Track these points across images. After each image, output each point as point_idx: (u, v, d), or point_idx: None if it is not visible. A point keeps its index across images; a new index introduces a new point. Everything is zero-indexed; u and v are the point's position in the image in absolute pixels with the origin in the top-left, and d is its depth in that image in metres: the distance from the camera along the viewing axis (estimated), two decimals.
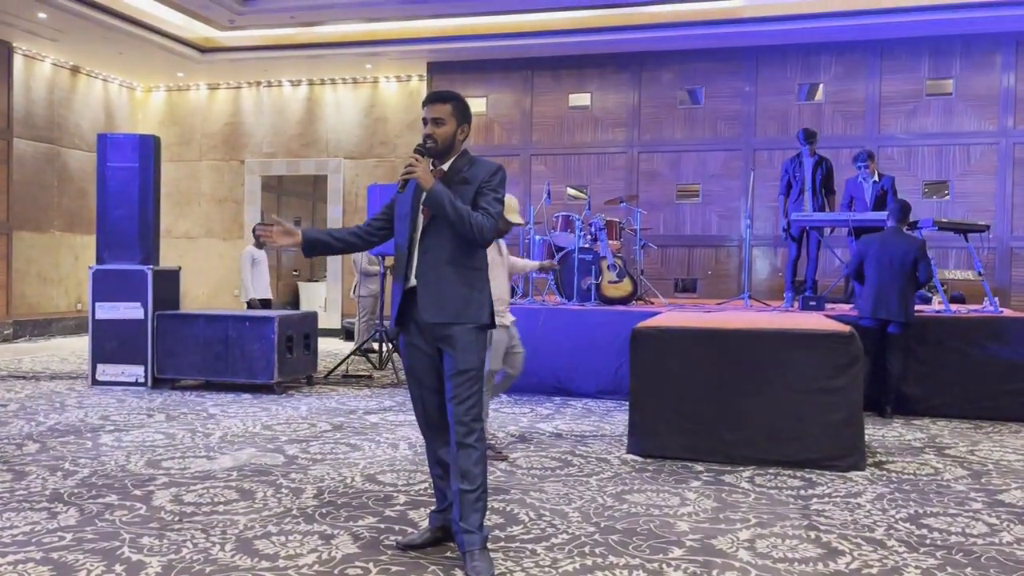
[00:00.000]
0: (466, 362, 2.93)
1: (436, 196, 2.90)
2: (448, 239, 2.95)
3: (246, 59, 11.36)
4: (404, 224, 3.03)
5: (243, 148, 12.59)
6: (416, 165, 2.89)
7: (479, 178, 2.99)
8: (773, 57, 10.21)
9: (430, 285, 2.95)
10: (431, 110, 3.02)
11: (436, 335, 2.97)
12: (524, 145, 10.98)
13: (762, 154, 10.21)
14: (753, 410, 4.59)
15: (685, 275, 10.49)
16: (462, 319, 2.95)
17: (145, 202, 7.31)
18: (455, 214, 2.90)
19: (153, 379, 7.06)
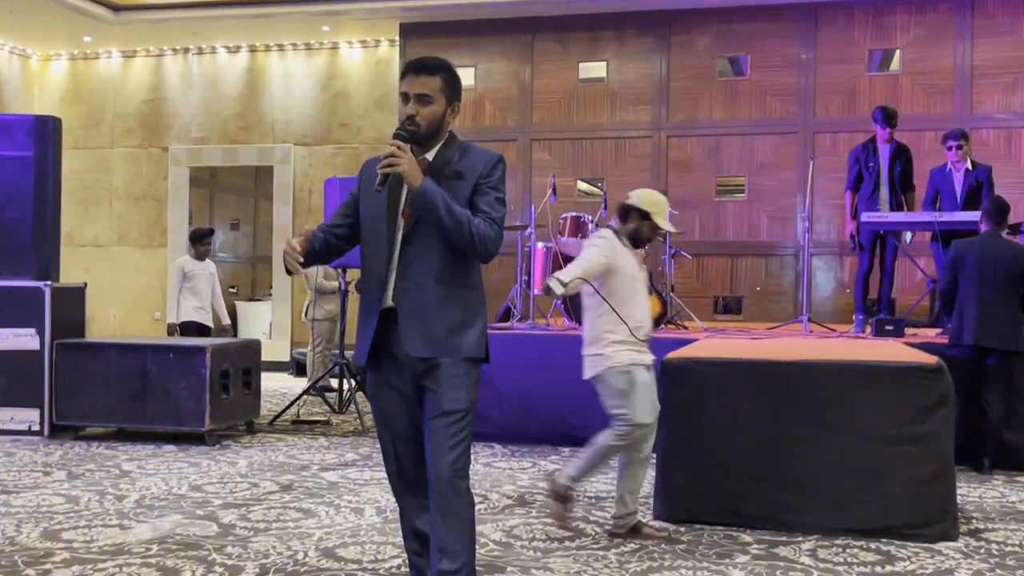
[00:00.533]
0: (453, 401, 2.91)
1: (427, 197, 2.84)
2: (437, 250, 2.92)
3: (171, 19, 11.40)
4: (377, 230, 2.99)
5: (166, 132, 12.62)
6: (400, 156, 2.84)
7: (476, 172, 2.97)
8: (836, 16, 10.28)
9: (414, 309, 2.92)
10: (414, 83, 2.97)
11: (417, 371, 2.95)
12: (523, 127, 11.02)
13: (823, 138, 10.25)
14: (815, 464, 4.59)
15: (727, 292, 10.49)
16: (452, 351, 2.93)
17: (42, 201, 7.31)
18: (451, 220, 2.86)
19: (51, 426, 7.04)
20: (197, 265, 8.51)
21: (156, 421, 6.85)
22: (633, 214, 4.51)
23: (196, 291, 8.43)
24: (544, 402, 6.90)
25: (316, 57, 12.23)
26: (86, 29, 11.78)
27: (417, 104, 2.96)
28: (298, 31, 11.78)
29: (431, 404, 2.93)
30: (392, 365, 2.99)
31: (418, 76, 2.97)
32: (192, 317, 8.42)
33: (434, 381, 2.92)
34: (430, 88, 2.97)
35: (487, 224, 2.90)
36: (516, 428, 6.95)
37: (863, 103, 10.04)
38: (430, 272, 2.92)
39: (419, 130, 2.95)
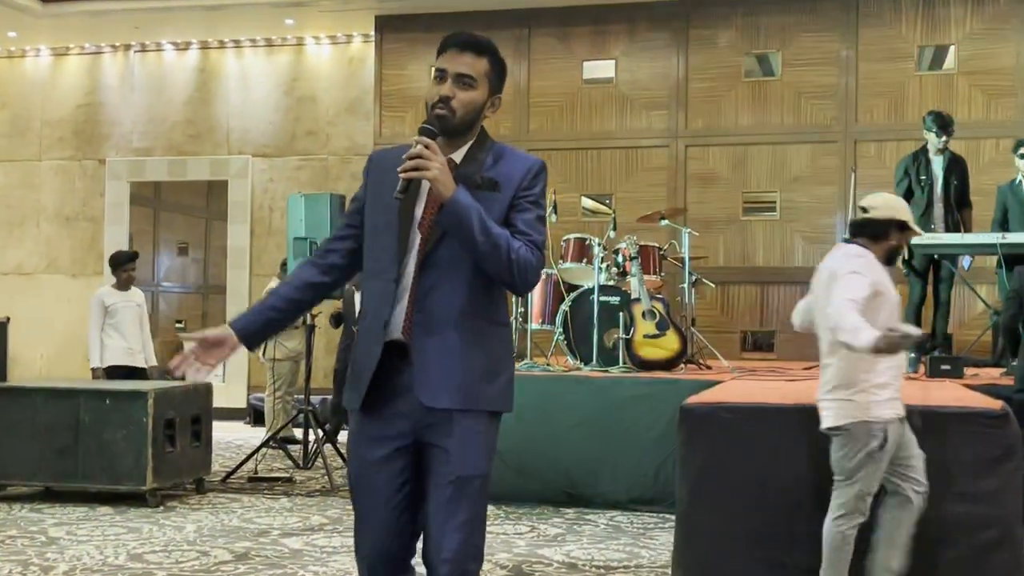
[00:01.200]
0: (469, 465, 2.77)
1: (459, 211, 2.68)
2: (465, 278, 2.78)
3: (110, 11, 11.46)
4: (385, 241, 2.84)
5: (104, 142, 12.66)
6: (430, 157, 2.67)
7: (514, 182, 2.83)
8: (881, 7, 10.35)
9: (433, 349, 2.77)
10: (457, 60, 2.82)
11: (423, 423, 2.80)
12: (518, 135, 11.05)
13: (867, 147, 10.30)
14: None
15: (757, 326, 10.50)
16: (477, 404, 2.80)
17: None
18: (487, 243, 2.70)
19: None
20: (120, 296, 8.31)
21: (90, 478, 6.80)
22: (892, 229, 4.33)
23: (121, 327, 8.21)
24: (544, 455, 6.88)
25: (278, 55, 12.28)
26: (10, 23, 11.82)
27: (456, 85, 2.80)
28: (257, 25, 11.83)
29: (439, 467, 2.78)
30: (390, 412, 2.82)
31: (463, 53, 2.83)
32: (120, 360, 8.19)
33: (446, 437, 2.77)
34: (475, 69, 2.83)
35: (528, 249, 2.77)
36: (512, 486, 6.90)
37: (912, 107, 10.09)
38: (454, 304, 2.78)
39: (453, 116, 2.79)
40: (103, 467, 6.78)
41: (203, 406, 7.42)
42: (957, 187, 7.95)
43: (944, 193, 7.94)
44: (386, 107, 11.36)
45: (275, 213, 12.04)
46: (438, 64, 2.85)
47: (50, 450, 6.85)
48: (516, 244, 2.75)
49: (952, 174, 7.95)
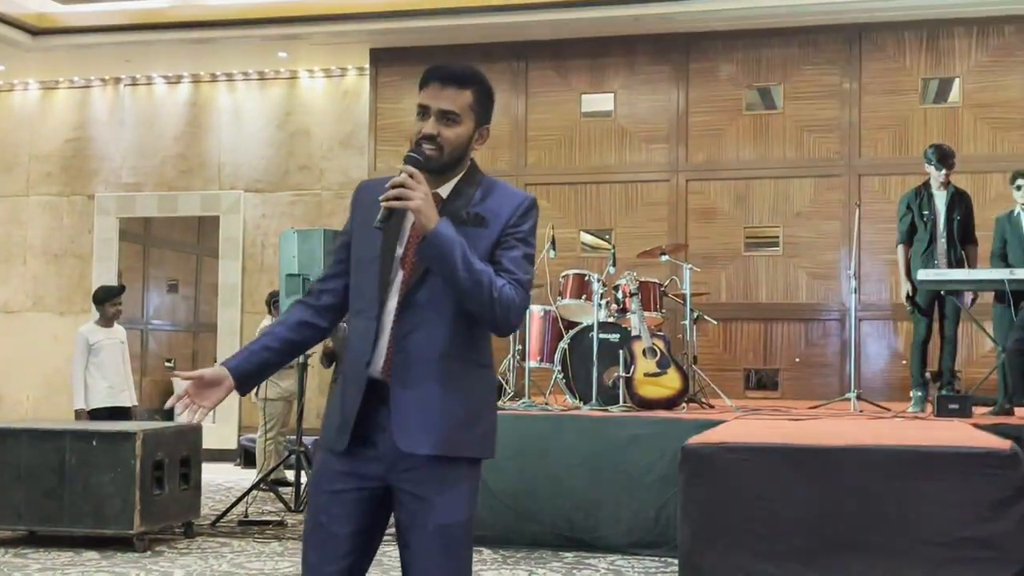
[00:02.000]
0: (452, 512, 2.74)
1: (441, 244, 2.65)
2: (446, 317, 2.75)
3: (100, 44, 11.52)
4: (367, 277, 2.82)
5: (93, 177, 12.69)
6: (413, 186, 2.65)
7: (502, 218, 2.80)
8: (884, 39, 10.43)
9: (413, 391, 2.74)
10: (440, 96, 2.79)
11: (400, 468, 2.75)
12: (515, 169, 11.09)
13: (871, 181, 10.34)
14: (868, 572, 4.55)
15: (760, 364, 10.49)
16: (457, 451, 2.76)
17: None
18: (470, 279, 2.67)
19: None
20: (104, 334, 8.27)
21: (75, 523, 6.75)
22: None
23: (103, 366, 8.18)
24: (543, 497, 6.86)
25: (271, 88, 12.35)
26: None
27: (441, 122, 2.77)
28: (250, 58, 11.91)
29: (420, 516, 2.74)
30: (364, 452, 2.78)
31: (444, 87, 2.79)
32: (103, 401, 8.17)
33: (425, 485, 2.73)
34: (459, 104, 2.79)
35: (512, 288, 2.73)
36: (509, 528, 6.89)
37: (917, 140, 10.14)
38: (436, 345, 2.75)
39: (440, 155, 2.77)
40: (89, 511, 6.74)
41: (192, 447, 7.39)
42: (960, 222, 7.97)
43: (947, 228, 7.96)
44: (381, 141, 11.41)
45: (267, 249, 12.05)
46: (420, 99, 2.82)
47: (35, 493, 6.81)
48: (500, 282, 2.71)
49: (955, 209, 7.97)
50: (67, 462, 6.79)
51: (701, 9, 10.18)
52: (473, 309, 2.72)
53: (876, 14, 10.20)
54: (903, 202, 8.21)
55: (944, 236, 7.95)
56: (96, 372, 8.18)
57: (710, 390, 8.42)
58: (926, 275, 7.65)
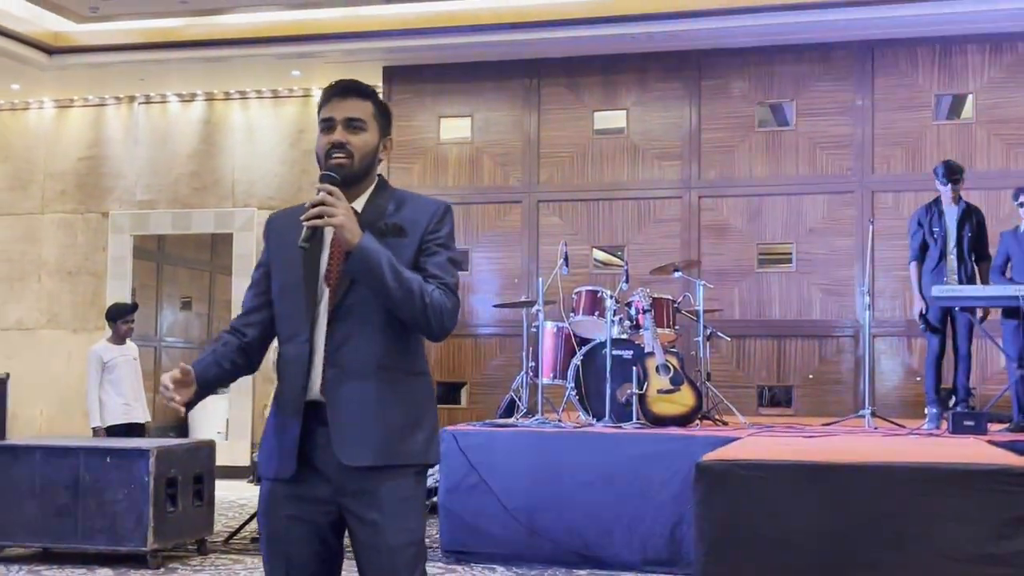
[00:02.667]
0: (403, 532, 2.75)
1: (368, 257, 2.67)
2: (376, 327, 2.77)
3: (114, 63, 11.58)
4: (293, 302, 2.83)
5: (107, 195, 12.74)
6: (333, 203, 2.67)
7: (420, 226, 2.84)
8: (896, 56, 10.43)
9: (349, 404, 2.75)
10: (342, 106, 2.84)
11: (345, 490, 2.76)
12: (528, 186, 11.11)
13: (884, 197, 10.32)
14: None
15: (774, 381, 10.47)
16: (399, 459, 2.78)
17: None
18: (400, 288, 2.70)
19: None
20: (117, 351, 8.32)
21: (89, 539, 6.78)
22: None
23: (118, 384, 8.22)
24: (555, 515, 6.85)
25: (284, 107, 12.40)
26: (14, 75, 11.95)
27: (347, 130, 2.82)
28: (263, 76, 11.96)
29: (367, 538, 2.75)
30: (309, 478, 2.79)
31: (346, 98, 2.85)
32: (118, 418, 8.21)
33: (371, 507, 2.74)
34: (363, 112, 2.86)
35: (442, 292, 2.78)
36: (521, 546, 6.89)
37: (930, 156, 10.12)
38: (368, 356, 2.76)
39: (352, 163, 2.81)
40: (103, 527, 6.76)
41: (206, 464, 7.40)
42: (972, 238, 7.96)
43: (957, 245, 7.96)
44: (394, 158, 11.41)
45: None
46: (323, 114, 2.87)
47: (49, 510, 6.83)
48: (429, 288, 2.75)
49: (966, 225, 7.97)
50: (81, 479, 6.81)
51: (713, 26, 10.18)
52: (406, 318, 2.75)
53: (889, 30, 10.19)
54: (914, 219, 8.21)
55: (954, 252, 7.95)
56: (111, 389, 8.21)
57: (723, 407, 8.41)
58: (940, 291, 7.64)
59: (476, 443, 7.14)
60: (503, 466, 7.08)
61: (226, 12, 10.92)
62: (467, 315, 10.83)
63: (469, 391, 11.01)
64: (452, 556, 7.01)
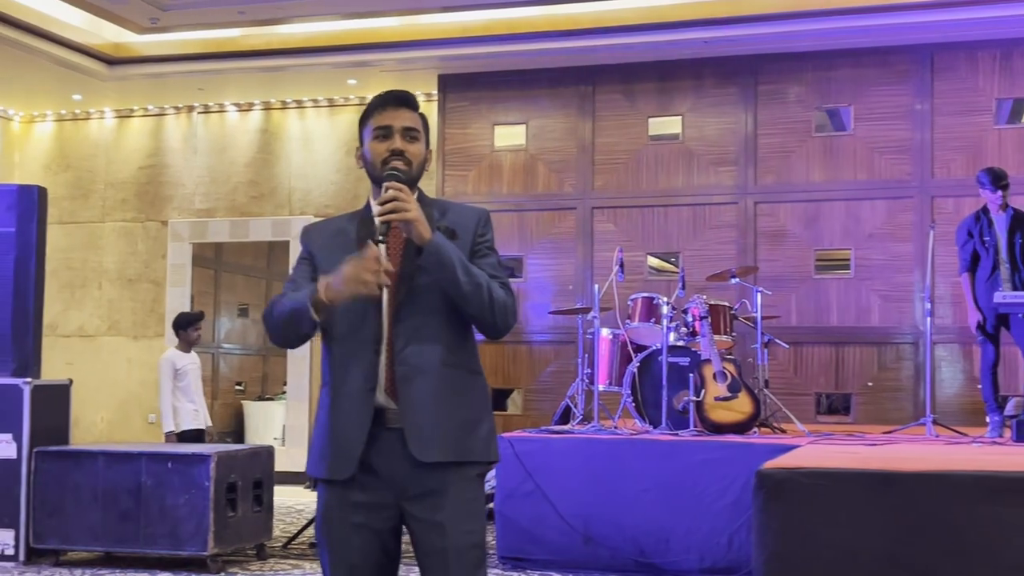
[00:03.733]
0: (468, 534, 2.77)
1: (441, 252, 2.72)
2: (440, 324, 2.80)
3: (173, 73, 11.73)
4: (352, 302, 2.80)
5: (166, 203, 12.90)
6: (407, 200, 2.73)
7: (469, 229, 2.89)
8: (956, 59, 10.30)
9: (419, 401, 2.76)
10: (398, 116, 2.90)
11: (412, 490, 2.77)
12: (582, 193, 11.10)
13: (945, 202, 10.20)
14: None
15: (832, 388, 10.37)
16: (467, 455, 2.80)
17: (23, 284, 7.46)
18: (470, 283, 2.74)
19: (28, 550, 7.07)
20: (187, 358, 8.55)
21: (150, 544, 6.85)
22: None
23: (187, 390, 8.46)
24: (612, 522, 6.83)
25: (341, 115, 12.48)
26: (76, 86, 12.14)
27: (404, 139, 2.88)
28: (320, 85, 12.05)
29: (433, 541, 2.75)
30: (367, 482, 2.79)
31: (400, 109, 2.91)
32: (190, 423, 8.44)
33: (437, 508, 2.75)
34: (416, 123, 2.93)
35: (504, 290, 2.83)
36: (578, 553, 6.87)
37: (990, 161, 9.95)
38: (433, 354, 2.79)
39: (410, 170, 2.87)
40: (164, 532, 6.83)
41: (265, 470, 7.46)
42: (1022, 245, 7.86)
43: (1009, 252, 7.86)
44: (449, 166, 11.48)
45: None
46: (379, 122, 2.90)
47: (111, 515, 6.91)
48: (494, 284, 2.80)
49: (1016, 232, 7.86)
50: (142, 484, 6.88)
51: (770, 31, 10.12)
52: (474, 312, 2.78)
53: (949, 34, 10.07)
54: (963, 229, 8.11)
55: (1007, 261, 7.85)
56: (183, 396, 8.43)
57: (781, 414, 8.34)
58: (1002, 298, 7.54)
59: (532, 450, 7.13)
60: (559, 473, 7.07)
61: (283, 22, 11.02)
62: (522, 322, 10.83)
63: (524, 397, 11.02)
64: (508, 563, 7.01)
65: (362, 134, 2.98)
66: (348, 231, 2.92)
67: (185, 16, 10.85)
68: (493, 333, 2.84)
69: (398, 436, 2.78)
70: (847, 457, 5.47)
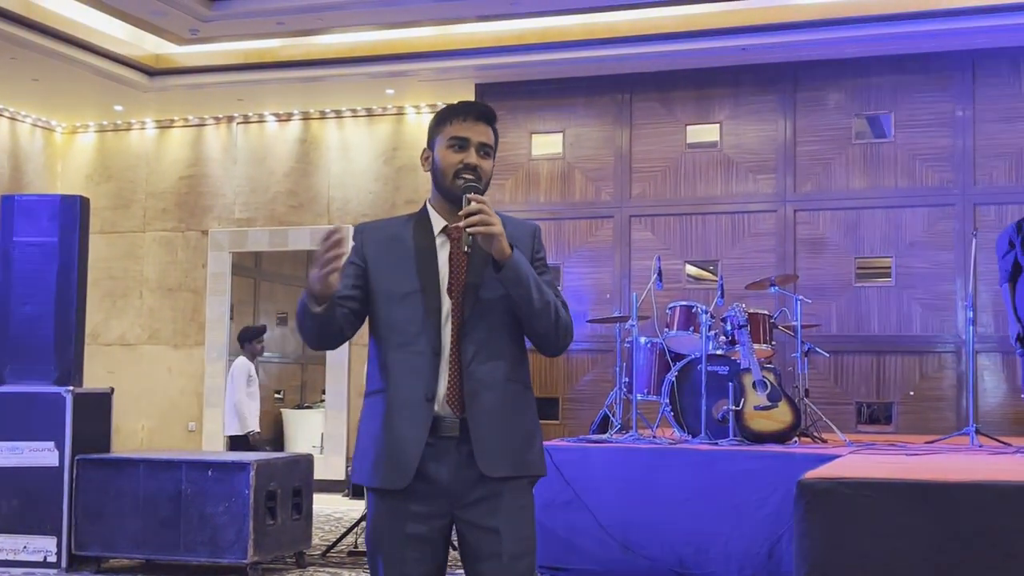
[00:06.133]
0: (521, 541, 2.78)
1: (519, 268, 2.73)
2: (502, 341, 2.82)
3: (213, 84, 11.82)
4: (412, 309, 2.84)
5: (206, 213, 12.99)
6: (491, 212, 2.73)
7: (525, 245, 2.89)
8: (998, 65, 10.20)
9: (486, 417, 2.78)
10: (477, 130, 2.91)
11: (467, 498, 2.78)
12: (620, 201, 11.08)
13: (987, 210, 10.10)
14: None
15: (874, 398, 10.28)
16: (525, 469, 2.83)
17: (66, 293, 7.53)
18: (540, 300, 2.77)
19: (70, 557, 7.11)
20: (253, 367, 9.61)
21: (191, 551, 6.89)
22: None
23: (256, 396, 9.49)
24: (651, 532, 6.80)
25: (379, 124, 12.53)
26: (117, 97, 12.26)
27: (480, 155, 2.89)
28: (358, 95, 12.10)
29: (488, 547, 2.76)
30: (421, 491, 2.78)
31: (479, 123, 2.91)
32: (257, 425, 9.48)
33: (492, 514, 2.75)
34: (491, 139, 2.94)
35: (564, 309, 2.86)
36: (616, 563, 6.84)
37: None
38: (498, 368, 2.80)
39: (480, 186, 2.85)
40: (204, 540, 6.85)
41: (304, 478, 7.48)
42: None
43: None
44: None
45: None
46: (457, 132, 2.89)
47: (152, 522, 6.95)
48: (559, 304, 2.82)
49: None
50: (183, 492, 6.91)
51: (809, 38, 10.05)
52: (540, 330, 2.81)
53: (991, 40, 9.97)
54: (1004, 238, 8.01)
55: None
56: (251, 401, 9.45)
57: (822, 424, 8.26)
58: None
59: (570, 459, 7.11)
60: (597, 482, 7.04)
61: (321, 33, 11.08)
62: None
63: (561, 406, 10.99)
64: (546, 572, 6.98)
65: (434, 138, 2.96)
66: (404, 237, 2.93)
67: (225, 27, 10.93)
68: (553, 351, 2.87)
69: (455, 444, 2.79)
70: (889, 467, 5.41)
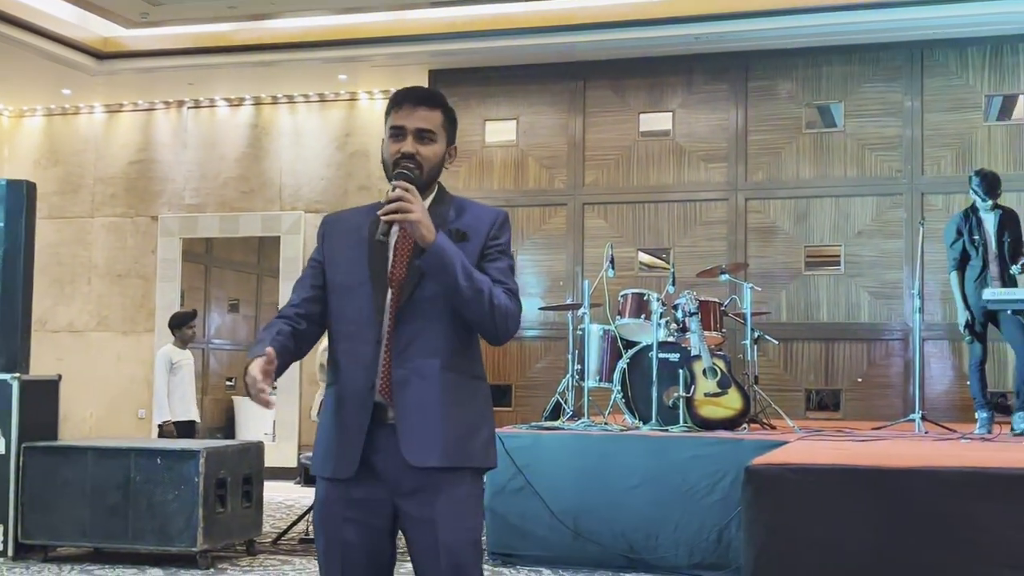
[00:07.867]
0: (460, 530, 2.77)
1: (443, 255, 2.69)
2: (441, 327, 2.79)
3: (163, 68, 11.70)
4: (357, 300, 2.84)
5: (156, 198, 12.87)
6: (412, 200, 2.70)
7: (482, 232, 2.86)
8: (947, 55, 10.32)
9: (417, 405, 2.76)
10: (413, 116, 2.87)
11: (404, 489, 2.78)
12: (573, 189, 11.10)
13: (934, 199, 10.22)
14: None
15: (822, 384, 10.38)
16: (462, 460, 2.79)
17: (12, 279, 7.44)
18: (470, 287, 2.72)
19: (16, 546, 7.04)
20: (182, 354, 9.07)
21: (139, 539, 6.83)
22: None
23: (182, 384, 8.96)
24: (602, 518, 6.83)
25: (331, 110, 12.46)
26: (65, 80, 12.11)
27: (418, 141, 2.85)
28: (311, 80, 12.03)
29: (423, 537, 2.76)
30: (365, 479, 2.79)
31: (417, 108, 2.88)
32: (182, 415, 8.92)
33: (428, 505, 2.75)
34: (432, 123, 2.89)
35: (507, 296, 2.80)
36: (567, 548, 6.87)
37: (980, 158, 10.02)
38: (435, 356, 2.78)
39: (420, 174, 2.83)
40: (153, 528, 6.81)
41: (254, 465, 7.44)
42: (1011, 243, 7.88)
43: (998, 251, 7.87)
44: None
45: None
46: (394, 122, 2.88)
47: (100, 510, 6.89)
48: (497, 291, 2.77)
49: (1005, 230, 7.89)
50: (132, 480, 6.86)
51: (760, 27, 10.12)
52: (473, 318, 2.77)
53: (939, 31, 10.08)
54: (951, 227, 8.10)
55: (996, 259, 7.87)
56: (175, 389, 8.91)
57: (771, 411, 8.34)
58: (992, 295, 7.55)
59: (522, 445, 7.13)
60: (549, 469, 7.06)
61: (274, 17, 10.99)
62: None
63: (514, 393, 11.01)
64: (498, 558, 7.00)
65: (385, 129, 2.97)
66: (362, 228, 2.90)
67: (175, 11, 10.83)
68: (493, 340, 2.82)
69: (393, 432, 2.78)
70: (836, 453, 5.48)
